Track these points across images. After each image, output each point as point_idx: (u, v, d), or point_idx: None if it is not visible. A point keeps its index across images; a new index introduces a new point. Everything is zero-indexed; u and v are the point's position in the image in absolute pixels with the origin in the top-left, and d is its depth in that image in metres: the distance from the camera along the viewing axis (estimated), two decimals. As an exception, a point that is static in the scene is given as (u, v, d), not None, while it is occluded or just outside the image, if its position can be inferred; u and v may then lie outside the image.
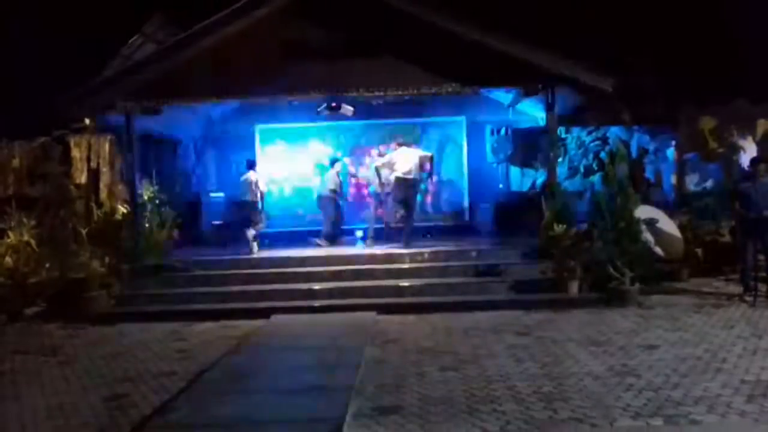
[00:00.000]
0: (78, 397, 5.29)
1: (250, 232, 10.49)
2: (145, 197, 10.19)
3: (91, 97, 9.73)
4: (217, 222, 12.08)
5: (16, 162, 10.67)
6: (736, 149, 11.31)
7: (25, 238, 9.06)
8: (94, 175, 10.51)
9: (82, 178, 10.47)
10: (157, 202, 10.29)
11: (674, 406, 4.47)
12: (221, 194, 12.31)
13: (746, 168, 9.12)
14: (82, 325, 8.13)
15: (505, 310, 7.99)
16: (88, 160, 10.50)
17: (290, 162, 12.64)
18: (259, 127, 12.83)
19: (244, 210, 10.96)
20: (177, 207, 11.11)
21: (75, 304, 8.53)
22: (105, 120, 10.34)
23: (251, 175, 10.94)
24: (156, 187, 10.48)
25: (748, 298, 7.94)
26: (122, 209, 10.01)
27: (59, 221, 9.27)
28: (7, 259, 8.81)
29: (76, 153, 10.46)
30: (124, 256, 9.28)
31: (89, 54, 12.43)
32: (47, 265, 8.94)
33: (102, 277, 8.78)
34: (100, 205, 10.08)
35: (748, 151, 11.02)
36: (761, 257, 8.19)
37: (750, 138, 11.39)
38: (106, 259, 9.00)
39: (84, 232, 9.27)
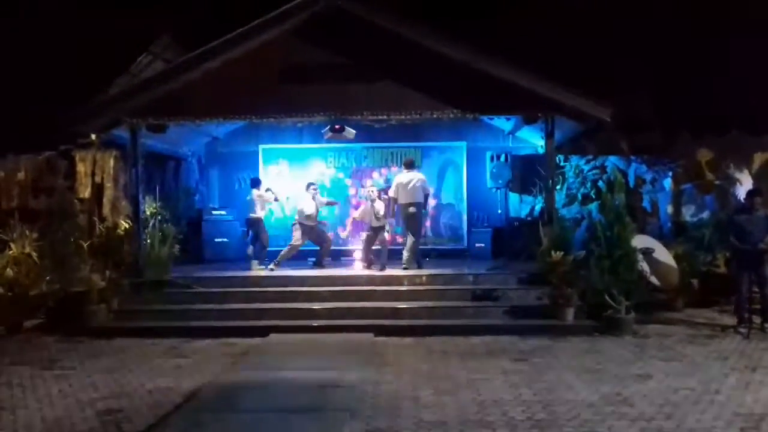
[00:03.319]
0: (74, 410, 5.32)
1: (249, 249, 10.66)
2: (148, 213, 10.29)
3: (98, 113, 9.88)
4: (219, 239, 12.16)
5: (21, 175, 10.79)
6: (732, 181, 11.44)
7: (27, 250, 9.11)
8: (98, 189, 10.62)
9: (86, 193, 10.59)
10: (159, 218, 10.39)
11: (666, 437, 4.52)
12: (224, 212, 12.38)
13: (742, 200, 9.22)
14: (81, 338, 8.17)
15: (502, 335, 8.04)
16: (93, 175, 10.63)
17: (292, 182, 12.74)
18: (262, 147, 12.98)
19: (251, 226, 11.21)
20: (179, 224, 11.24)
21: (74, 318, 8.57)
22: (111, 136, 10.46)
23: (254, 193, 11.14)
24: (159, 204, 10.57)
25: (742, 330, 7.99)
26: (124, 224, 10.10)
27: (61, 234, 9.32)
28: (8, 270, 8.86)
29: (81, 168, 10.59)
30: (125, 271, 9.34)
31: (97, 70, 12.60)
32: (48, 278, 8.99)
33: (102, 291, 8.83)
34: (102, 219, 10.17)
35: (744, 183, 11.14)
36: (756, 289, 8.24)
37: (746, 170, 11.52)
38: (107, 274, 9.05)
39: (86, 246, 9.34)
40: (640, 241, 9.17)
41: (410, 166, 10.82)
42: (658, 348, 7.36)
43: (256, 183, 11.43)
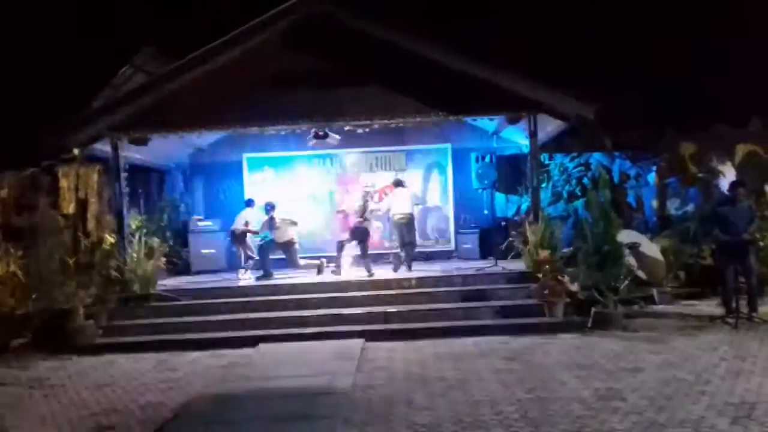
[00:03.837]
0: (63, 428, 5.26)
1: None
2: (133, 227, 10.22)
3: (80, 127, 9.83)
4: (206, 251, 12.10)
5: (3, 192, 10.66)
6: (716, 174, 11.54)
7: (12, 268, 9.02)
8: (81, 205, 10.53)
9: (70, 209, 10.48)
10: (144, 231, 10.32)
11: (659, 429, 4.53)
12: (210, 223, 12.32)
13: (726, 192, 9.31)
14: (69, 356, 8.08)
15: (492, 335, 8.05)
16: (76, 190, 10.53)
17: (278, 190, 12.70)
18: (246, 156, 12.94)
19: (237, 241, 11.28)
20: (165, 236, 11.18)
21: (61, 335, 8.47)
22: (93, 150, 10.39)
23: (247, 213, 11.28)
24: (144, 217, 10.50)
25: (730, 320, 8.05)
26: (110, 239, 10.01)
27: (46, 252, 9.23)
28: (-6, 290, 8.77)
29: (64, 183, 10.49)
30: (111, 286, 9.25)
31: (80, 85, 12.52)
32: (34, 296, 8.90)
33: (89, 307, 8.75)
34: (87, 235, 10.07)
35: (728, 175, 11.25)
36: (742, 279, 8.32)
37: (729, 163, 11.63)
38: (93, 290, 8.97)
39: (71, 262, 9.25)
40: (626, 236, 9.23)
41: (399, 184, 11.20)
42: (647, 341, 7.39)
43: (249, 203, 11.58)
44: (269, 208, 10.93)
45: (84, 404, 5.97)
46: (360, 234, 10.38)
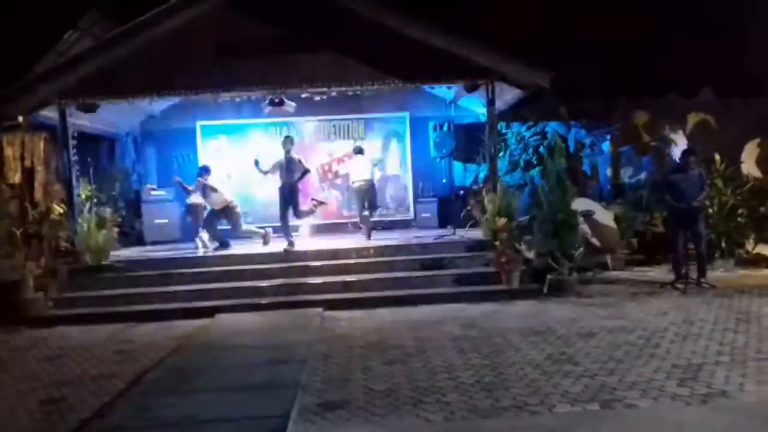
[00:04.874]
0: (13, 402, 5.13)
1: (203, 234, 10.43)
2: (83, 196, 9.92)
3: (24, 94, 9.41)
4: (160, 221, 11.84)
5: (-56, 161, 10.23)
6: (668, 142, 11.78)
7: (-44, 240, 8.70)
8: (28, 174, 10.18)
9: (16, 178, 10.15)
10: (95, 201, 10.04)
11: (610, 392, 4.64)
12: (163, 192, 12.03)
13: (677, 160, 9.51)
14: (18, 328, 7.88)
15: (450, 303, 8.14)
16: (22, 158, 10.18)
17: (232, 159, 12.48)
18: (200, 123, 12.65)
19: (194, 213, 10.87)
20: (117, 206, 10.89)
21: (10, 307, 8.23)
22: (39, 118, 10.00)
23: (202, 180, 10.71)
24: (94, 186, 10.21)
25: (679, 286, 8.28)
26: (58, 209, 9.72)
27: (-8, 222, 8.92)
28: (-63, 262, 8.45)
29: (8, 152, 10.13)
30: (61, 257, 9.00)
31: (22, 49, 11.98)
32: (-20, 268, 8.61)
33: (39, 279, 8.51)
34: (35, 205, 9.76)
35: (680, 143, 11.49)
36: (691, 246, 8.55)
37: (681, 132, 11.88)
38: (43, 261, 8.72)
39: (18, 232, 8.95)
40: (580, 204, 9.38)
41: (359, 152, 11.37)
42: (601, 307, 7.57)
43: (204, 170, 10.83)
44: (202, 171, 10.64)
45: (34, 376, 5.83)
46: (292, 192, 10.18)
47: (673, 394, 4.54)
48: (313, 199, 11.10)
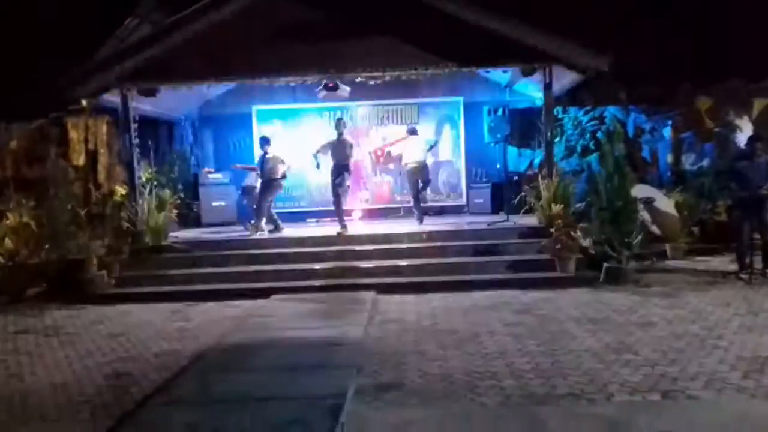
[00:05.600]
0: (80, 375, 5.34)
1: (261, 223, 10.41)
2: (144, 179, 10.20)
3: (87, 78, 9.68)
4: (217, 203, 12.09)
5: (13, 144, 10.66)
6: (733, 128, 11.37)
7: (25, 219, 9.06)
8: (92, 156, 10.51)
9: (80, 160, 10.49)
10: (155, 183, 10.31)
11: (671, 382, 4.53)
12: (220, 175, 12.28)
13: (742, 146, 9.16)
14: (84, 305, 8.18)
15: (503, 289, 8.06)
16: (86, 141, 10.53)
17: (287, 142, 12.60)
18: (256, 108, 12.82)
19: (273, 188, 10.59)
20: (175, 188, 11.16)
21: (75, 285, 8.58)
22: (102, 102, 10.30)
23: (270, 151, 10.58)
24: (154, 169, 10.47)
25: (743, 276, 8.02)
26: (121, 190, 10.02)
27: (57, 203, 9.26)
28: (7, 240, 8.83)
29: (73, 135, 10.47)
30: (123, 237, 9.29)
31: (85, 36, 12.35)
32: (47, 247, 8.96)
33: (102, 258, 8.82)
34: (98, 186, 10.09)
35: (745, 130, 11.08)
36: (756, 235, 8.25)
37: (746, 117, 11.44)
38: (106, 241, 9.02)
39: (83, 213, 9.28)
40: (640, 190, 9.16)
41: (413, 132, 11.26)
42: (660, 296, 7.39)
43: (267, 141, 10.73)
44: (263, 142, 10.68)
45: (100, 352, 6.05)
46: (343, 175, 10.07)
47: (737, 386, 4.41)
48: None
